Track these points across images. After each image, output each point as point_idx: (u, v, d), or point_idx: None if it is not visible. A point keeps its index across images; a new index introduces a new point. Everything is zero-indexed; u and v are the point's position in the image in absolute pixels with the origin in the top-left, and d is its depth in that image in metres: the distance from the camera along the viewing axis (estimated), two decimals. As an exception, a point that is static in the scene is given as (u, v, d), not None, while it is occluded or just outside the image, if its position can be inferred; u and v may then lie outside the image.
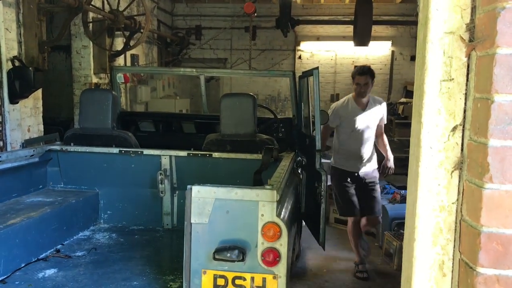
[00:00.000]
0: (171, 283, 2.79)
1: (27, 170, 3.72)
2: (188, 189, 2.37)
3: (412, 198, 1.31)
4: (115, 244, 3.48)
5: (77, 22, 7.01)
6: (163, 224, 3.89)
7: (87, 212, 3.78)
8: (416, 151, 1.28)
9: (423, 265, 1.25)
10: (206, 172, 3.76)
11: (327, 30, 12.16)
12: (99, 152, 3.82)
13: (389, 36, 12.07)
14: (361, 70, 4.66)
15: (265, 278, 2.32)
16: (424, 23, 1.23)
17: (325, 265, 5.50)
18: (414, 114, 1.32)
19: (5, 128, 4.98)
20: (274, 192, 2.30)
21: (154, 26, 10.36)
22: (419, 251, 1.25)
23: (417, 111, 1.28)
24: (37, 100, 5.78)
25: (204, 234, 2.36)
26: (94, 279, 2.83)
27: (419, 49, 1.31)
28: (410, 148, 1.40)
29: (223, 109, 3.83)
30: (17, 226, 2.94)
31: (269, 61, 12.31)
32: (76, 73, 7.45)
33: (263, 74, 8.82)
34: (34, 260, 3.05)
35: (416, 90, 1.31)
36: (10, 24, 5.11)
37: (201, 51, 12.13)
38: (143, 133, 5.14)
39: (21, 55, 5.33)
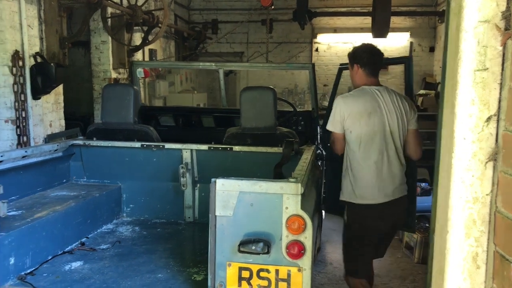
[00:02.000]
0: (195, 275, 2.81)
1: (51, 164, 3.77)
2: (212, 182, 2.38)
3: (444, 190, 1.29)
4: (138, 237, 3.52)
5: (96, 17, 7.07)
6: (184, 217, 3.92)
7: (110, 205, 3.83)
8: (448, 142, 1.26)
9: (456, 257, 1.24)
10: (226, 165, 3.77)
11: (344, 22, 12.06)
12: (121, 146, 3.86)
13: (407, 27, 11.93)
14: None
15: (290, 270, 2.32)
16: (457, 12, 1.21)
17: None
18: (446, 105, 1.30)
19: (28, 124, 5.06)
20: (298, 185, 2.30)
21: (171, 20, 10.40)
22: (452, 243, 1.24)
23: (450, 101, 1.26)
24: (58, 96, 5.85)
25: (228, 226, 2.37)
26: (120, 271, 2.86)
27: (451, 39, 1.29)
28: (441, 140, 1.38)
29: (243, 103, 3.83)
30: (44, 219, 2.99)
31: (285, 54, 12.26)
32: (96, 68, 7.53)
33: (282, 67, 8.82)
34: (60, 253, 3.10)
35: (448, 80, 1.30)
36: (32, 21, 5.18)
37: (217, 45, 12.14)
38: (163, 127, 5.17)
39: (43, 51, 5.40)
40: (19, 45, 4.99)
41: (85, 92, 7.96)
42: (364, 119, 3.19)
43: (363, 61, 3.29)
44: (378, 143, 3.21)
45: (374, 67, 3.31)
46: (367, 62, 3.28)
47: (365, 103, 3.21)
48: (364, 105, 3.20)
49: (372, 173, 3.23)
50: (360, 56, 3.30)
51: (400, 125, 3.26)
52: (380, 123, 3.21)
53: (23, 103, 5.00)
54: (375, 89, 3.27)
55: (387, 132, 3.23)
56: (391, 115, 3.23)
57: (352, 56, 3.37)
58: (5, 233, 2.65)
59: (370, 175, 3.23)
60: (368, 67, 3.29)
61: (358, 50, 3.34)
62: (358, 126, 3.20)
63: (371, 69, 3.30)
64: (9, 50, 4.86)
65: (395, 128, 3.25)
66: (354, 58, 3.34)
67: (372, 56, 3.31)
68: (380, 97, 3.25)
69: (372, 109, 3.20)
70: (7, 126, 4.91)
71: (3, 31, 4.80)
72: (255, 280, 2.35)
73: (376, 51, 3.34)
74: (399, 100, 3.29)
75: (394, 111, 3.24)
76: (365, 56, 3.29)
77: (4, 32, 4.80)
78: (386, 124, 3.22)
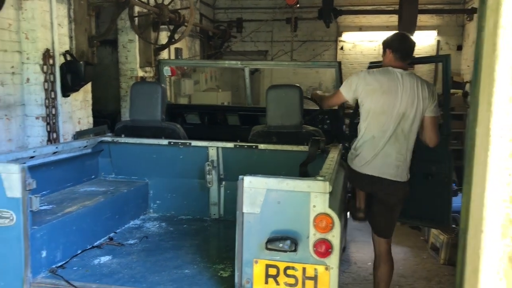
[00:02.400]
0: (221, 271, 2.83)
1: (81, 160, 3.85)
2: (240, 179, 2.39)
3: (479, 189, 1.28)
4: (165, 233, 3.57)
5: (124, 16, 7.17)
6: (210, 214, 3.95)
7: (138, 201, 3.88)
8: (484, 141, 1.25)
9: (492, 257, 1.22)
10: (252, 163, 3.78)
11: (370, 20, 11.94)
12: (149, 143, 3.91)
13: (434, 25, 11.74)
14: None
15: (317, 269, 2.32)
16: (495, 9, 1.19)
17: (370, 258, 5.43)
18: (481, 103, 1.28)
19: (58, 121, 5.17)
20: (326, 184, 2.29)
21: (196, 19, 10.48)
22: (487, 243, 1.22)
23: (486, 99, 1.24)
24: (87, 93, 5.96)
25: (255, 224, 2.38)
26: (147, 266, 2.90)
27: (487, 36, 1.27)
28: (475, 138, 1.36)
29: (269, 101, 3.83)
30: (74, 214, 3.06)
31: (310, 52, 12.22)
32: (123, 66, 7.64)
33: (308, 65, 8.79)
34: (89, 247, 3.16)
35: (484, 78, 1.28)
36: (62, 20, 5.29)
37: (242, 44, 12.17)
38: (189, 125, 5.22)
39: (72, 49, 5.50)
40: (50, 43, 5.10)
41: (112, 90, 8.08)
42: (376, 96, 3.44)
43: (394, 47, 3.55)
44: (382, 121, 3.45)
45: (404, 52, 3.54)
46: (398, 48, 3.54)
47: (382, 82, 3.46)
48: (380, 83, 3.45)
49: (368, 146, 3.52)
50: (392, 42, 3.58)
51: (414, 110, 3.43)
52: (391, 103, 3.42)
53: (53, 100, 5.11)
54: (398, 72, 3.49)
55: (396, 113, 3.42)
56: (406, 99, 3.42)
57: (385, 41, 3.64)
58: (37, 226, 2.72)
59: (366, 147, 3.53)
60: (398, 52, 3.53)
61: (392, 37, 3.64)
62: (370, 101, 3.47)
63: (400, 54, 3.53)
64: (40, 49, 4.97)
65: (407, 112, 3.42)
66: (387, 43, 3.62)
67: (403, 43, 3.58)
68: (400, 79, 3.46)
69: (388, 89, 3.44)
70: (37, 123, 5.03)
71: (34, 30, 4.91)
72: (282, 278, 2.36)
73: (408, 38, 3.62)
74: (420, 87, 3.46)
75: (411, 95, 3.42)
76: (396, 41, 3.57)
77: (35, 31, 4.92)
78: (397, 106, 3.42)
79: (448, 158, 4.17)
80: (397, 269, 5.17)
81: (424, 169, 4.25)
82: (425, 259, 5.50)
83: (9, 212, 2.54)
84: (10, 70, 4.78)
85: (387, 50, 3.59)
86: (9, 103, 4.77)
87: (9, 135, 4.77)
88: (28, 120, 5.01)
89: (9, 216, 2.55)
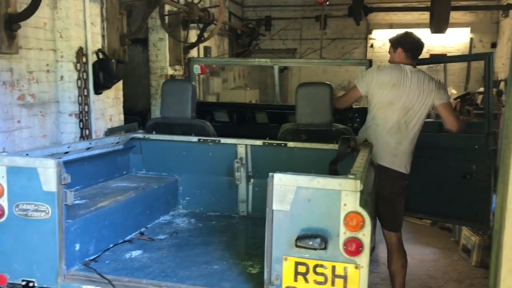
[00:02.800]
0: (250, 268, 2.84)
1: (113, 156, 3.93)
2: (270, 177, 2.40)
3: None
4: (194, 228, 3.60)
5: (154, 15, 7.26)
6: (238, 211, 3.97)
7: (168, 197, 3.94)
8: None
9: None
10: (281, 161, 3.78)
11: (400, 18, 11.76)
12: (179, 140, 3.95)
13: (467, 22, 11.48)
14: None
15: (347, 267, 2.31)
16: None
17: (400, 258, 5.37)
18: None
19: (91, 117, 5.27)
20: (357, 182, 2.28)
21: (225, 18, 10.52)
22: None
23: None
24: (118, 91, 6.06)
25: (285, 221, 2.38)
26: (177, 261, 2.94)
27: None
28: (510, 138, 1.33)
29: (298, 99, 3.82)
30: (106, 209, 3.12)
31: (339, 50, 12.12)
32: (153, 65, 7.73)
33: (338, 63, 8.75)
34: (121, 242, 3.22)
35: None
36: (95, 19, 5.39)
37: (270, 42, 12.16)
38: (218, 122, 5.26)
39: (104, 48, 5.60)
40: (83, 42, 5.20)
41: (142, 88, 8.18)
42: (386, 89, 3.74)
43: (407, 46, 3.83)
44: (388, 113, 3.75)
45: (415, 52, 3.86)
46: (411, 48, 3.83)
47: (392, 76, 3.76)
48: (391, 78, 3.75)
49: (371, 135, 3.83)
50: (405, 41, 3.85)
51: (420, 103, 3.71)
52: (398, 96, 3.72)
53: (86, 97, 5.21)
54: (408, 68, 3.79)
55: (402, 106, 3.72)
56: (413, 92, 3.71)
57: (398, 40, 3.89)
58: (71, 220, 2.79)
59: (369, 136, 3.83)
60: (410, 52, 3.83)
61: (405, 36, 3.88)
62: (380, 94, 3.76)
63: (412, 54, 3.84)
64: (74, 47, 5.08)
65: (413, 105, 3.71)
66: (400, 42, 3.87)
67: (416, 43, 3.87)
68: (409, 74, 3.75)
69: (397, 83, 3.73)
70: (71, 120, 5.14)
71: (68, 29, 5.02)
72: (311, 276, 2.36)
73: (420, 39, 3.90)
74: (427, 81, 3.74)
75: (418, 89, 3.70)
76: (410, 42, 3.85)
77: (69, 29, 5.02)
78: (403, 99, 3.71)
79: (489, 157, 4.16)
80: (427, 270, 5.11)
81: (462, 168, 4.21)
82: (455, 260, 5.40)
83: (45, 206, 2.62)
84: (45, 68, 4.90)
85: (399, 49, 3.85)
86: (44, 100, 4.89)
87: (44, 131, 4.89)
88: (62, 117, 5.12)
89: (45, 210, 2.62)
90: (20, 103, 4.51)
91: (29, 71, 4.64)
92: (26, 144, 4.58)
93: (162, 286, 2.60)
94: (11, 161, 2.66)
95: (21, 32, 4.30)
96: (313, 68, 12.01)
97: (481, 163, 4.18)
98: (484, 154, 4.17)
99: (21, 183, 2.65)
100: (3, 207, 2.67)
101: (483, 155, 4.17)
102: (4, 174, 2.66)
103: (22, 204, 2.65)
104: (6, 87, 4.31)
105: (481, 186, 4.15)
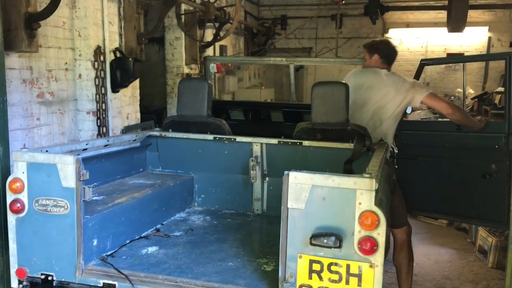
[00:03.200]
0: (264, 266, 2.86)
1: (129, 154, 3.97)
2: (285, 175, 2.41)
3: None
4: (209, 226, 3.63)
5: (171, 14, 7.32)
6: (253, 209, 3.99)
7: (183, 195, 3.97)
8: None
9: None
10: (296, 160, 3.78)
11: (417, 17, 11.68)
12: (195, 138, 3.98)
13: (486, 21, 11.36)
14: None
15: (361, 266, 2.31)
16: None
17: (414, 259, 5.33)
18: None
19: (108, 115, 5.34)
20: (373, 181, 2.27)
21: (241, 17, 10.55)
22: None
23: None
24: (135, 89, 6.13)
25: (300, 219, 2.39)
26: (192, 258, 2.97)
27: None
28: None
29: (314, 97, 3.81)
30: (123, 205, 3.16)
31: (355, 49, 12.06)
32: (169, 64, 7.80)
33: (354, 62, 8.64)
34: (137, 238, 3.26)
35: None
36: (112, 18, 5.46)
37: (286, 41, 12.17)
38: (233, 121, 5.28)
39: (121, 46, 5.67)
40: (101, 40, 5.27)
41: (158, 87, 8.25)
42: (361, 90, 3.98)
43: (384, 53, 4.12)
44: (362, 111, 4.00)
45: (391, 59, 4.15)
46: (387, 55, 4.12)
47: (367, 79, 4.03)
48: (366, 80, 4.00)
49: None
50: (382, 49, 4.15)
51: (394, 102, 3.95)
52: (372, 97, 3.97)
53: (103, 96, 5.28)
54: (383, 72, 4.04)
55: (376, 106, 3.96)
56: (388, 93, 3.94)
57: (375, 47, 4.18)
58: (89, 216, 2.83)
59: None
60: (386, 58, 4.11)
61: (381, 43, 4.26)
62: (354, 95, 3.91)
63: (387, 60, 4.12)
64: (92, 46, 5.15)
65: (387, 104, 3.95)
66: (377, 49, 4.14)
67: (393, 51, 4.19)
68: (384, 77, 4.01)
69: (371, 84, 3.99)
70: (88, 117, 5.22)
71: (87, 28, 5.09)
72: (325, 274, 2.36)
73: (395, 48, 4.25)
74: (401, 83, 3.98)
75: (394, 90, 3.94)
76: (387, 49, 4.16)
77: (88, 28, 5.09)
78: (377, 99, 3.96)
79: (509, 157, 4.11)
80: (443, 271, 5.08)
81: (482, 168, 4.18)
82: (472, 262, 5.35)
83: (64, 201, 2.67)
84: (63, 67, 4.97)
85: (376, 55, 4.12)
86: (62, 98, 4.97)
87: (62, 128, 4.97)
88: (80, 114, 5.20)
89: (64, 205, 2.67)
90: (39, 101, 4.60)
91: (48, 69, 4.72)
92: (45, 141, 4.67)
93: (178, 282, 2.63)
94: (31, 157, 2.71)
95: (40, 31, 4.38)
96: (329, 67, 11.97)
97: (501, 163, 4.14)
98: (504, 154, 4.13)
99: (41, 179, 2.70)
100: (24, 202, 2.73)
101: (503, 155, 4.13)
102: (25, 170, 2.71)
103: (42, 200, 2.70)
104: (26, 85, 4.39)
105: (501, 186, 4.10)
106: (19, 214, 2.74)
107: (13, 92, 4.20)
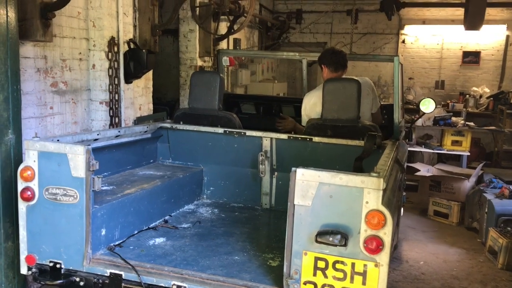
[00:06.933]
0: (270, 261, 2.87)
1: (140, 145, 4.00)
2: (293, 171, 2.41)
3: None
4: (217, 219, 3.65)
5: (185, 6, 7.32)
6: (261, 203, 4.00)
7: (192, 187, 4.00)
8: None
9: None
10: (305, 156, 3.78)
11: (434, 13, 11.51)
12: (206, 131, 4.00)
13: (504, 19, 11.15)
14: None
15: (367, 265, 2.31)
16: None
17: (422, 257, 5.33)
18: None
19: (120, 106, 5.37)
20: (380, 180, 2.26)
21: (256, 10, 10.51)
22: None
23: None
24: (148, 81, 6.15)
25: (306, 216, 2.39)
26: (199, 250, 2.99)
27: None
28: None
29: (325, 94, 3.80)
30: (132, 196, 3.19)
31: (370, 45, 11.96)
32: (183, 56, 7.80)
33: (368, 59, 8.62)
34: (145, 228, 3.30)
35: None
36: (127, 9, 5.47)
37: (300, 35, 12.10)
38: (244, 115, 5.29)
39: (135, 38, 5.69)
40: (115, 31, 5.29)
41: (171, 79, 8.27)
42: (318, 107, 3.93)
43: (327, 62, 4.12)
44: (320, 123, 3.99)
45: (337, 64, 4.11)
46: (330, 62, 4.11)
47: (317, 97, 4.01)
48: (319, 96, 3.92)
49: None
50: (324, 58, 4.15)
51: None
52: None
53: (116, 86, 5.31)
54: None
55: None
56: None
57: (319, 59, 4.20)
58: (98, 206, 2.87)
59: None
60: (332, 65, 4.11)
61: (323, 53, 4.22)
62: (313, 114, 4.04)
63: (334, 67, 4.11)
64: (106, 37, 5.17)
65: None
66: (320, 60, 4.18)
67: (333, 55, 4.14)
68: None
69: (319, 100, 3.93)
70: (101, 108, 5.25)
71: (101, 19, 5.12)
72: (330, 271, 2.37)
73: (337, 51, 4.23)
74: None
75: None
76: (327, 57, 4.14)
77: (102, 19, 5.12)
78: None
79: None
80: (451, 270, 5.04)
81: None
82: (481, 262, 5.31)
83: (74, 191, 2.70)
84: (78, 57, 5.01)
85: (322, 66, 4.16)
86: (76, 87, 5.01)
87: (75, 118, 5.02)
88: (93, 104, 5.24)
89: (73, 194, 2.70)
90: (53, 90, 4.64)
91: (62, 59, 4.76)
92: (58, 130, 4.72)
93: (183, 274, 2.65)
94: (42, 146, 2.75)
95: (55, 20, 4.41)
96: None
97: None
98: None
99: (51, 168, 2.73)
100: (34, 190, 2.77)
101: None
102: (36, 159, 2.75)
103: (52, 188, 2.74)
104: (40, 74, 4.44)
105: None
106: (30, 202, 2.78)
107: (27, 81, 4.25)
